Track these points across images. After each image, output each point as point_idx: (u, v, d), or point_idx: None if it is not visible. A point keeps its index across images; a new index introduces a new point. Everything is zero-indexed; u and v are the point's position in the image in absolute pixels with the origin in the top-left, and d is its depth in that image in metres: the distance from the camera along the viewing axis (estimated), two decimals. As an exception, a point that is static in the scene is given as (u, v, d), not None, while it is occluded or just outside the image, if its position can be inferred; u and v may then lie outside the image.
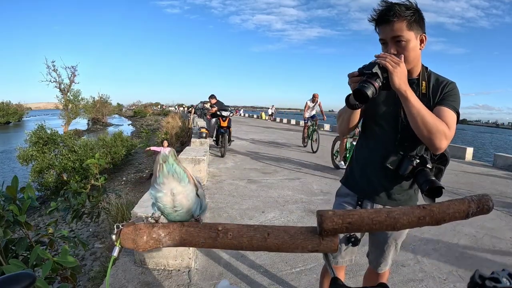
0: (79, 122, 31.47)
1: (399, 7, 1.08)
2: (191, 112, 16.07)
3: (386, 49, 1.14)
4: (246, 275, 2.24)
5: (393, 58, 1.03)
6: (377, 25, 1.14)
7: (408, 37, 1.09)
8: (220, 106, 7.90)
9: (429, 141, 1.08)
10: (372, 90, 0.99)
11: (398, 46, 1.11)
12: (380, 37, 1.15)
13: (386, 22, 1.10)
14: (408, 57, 1.11)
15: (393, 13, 1.07)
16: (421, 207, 0.64)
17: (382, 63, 1.02)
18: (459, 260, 2.56)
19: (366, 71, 1.02)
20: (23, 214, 1.47)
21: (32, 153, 9.29)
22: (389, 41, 1.11)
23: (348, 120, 1.24)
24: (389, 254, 1.37)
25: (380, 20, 1.12)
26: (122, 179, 9.29)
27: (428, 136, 1.06)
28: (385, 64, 1.02)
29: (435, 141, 1.06)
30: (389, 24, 1.09)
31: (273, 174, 5.50)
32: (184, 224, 0.69)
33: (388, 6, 1.09)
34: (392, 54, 1.08)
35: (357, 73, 1.06)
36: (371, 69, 1.02)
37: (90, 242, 4.26)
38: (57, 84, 27.22)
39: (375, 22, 1.14)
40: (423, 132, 1.07)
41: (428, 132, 1.06)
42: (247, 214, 3.46)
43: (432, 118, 1.06)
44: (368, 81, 1.00)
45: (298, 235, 0.65)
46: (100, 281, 2.56)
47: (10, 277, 0.47)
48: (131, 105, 77.40)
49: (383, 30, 1.12)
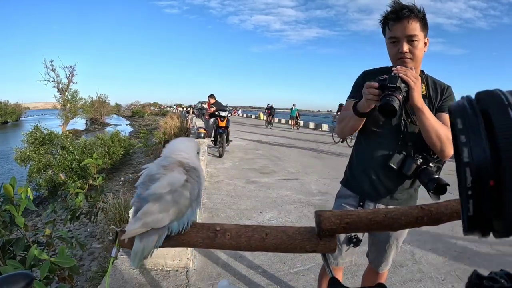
0: (77, 122, 31.35)
1: (414, 7, 1.11)
2: (189, 112, 16.05)
3: (396, 47, 1.14)
4: (244, 275, 2.24)
5: (413, 73, 1.04)
6: (391, 22, 1.14)
7: (421, 37, 1.12)
8: (219, 106, 7.90)
9: (441, 151, 1.11)
10: (397, 104, 0.99)
11: (411, 45, 1.12)
12: (391, 35, 1.15)
13: (402, 19, 1.11)
14: (417, 57, 1.14)
15: (410, 12, 1.09)
16: (419, 208, 0.65)
17: (404, 78, 1.03)
18: (457, 260, 2.57)
19: (390, 85, 1.02)
20: (20, 215, 1.46)
21: (29, 154, 9.25)
22: (403, 39, 1.12)
23: (353, 126, 1.24)
24: (390, 253, 1.37)
25: (396, 18, 1.12)
26: (120, 179, 9.27)
27: (441, 146, 1.09)
28: (407, 80, 1.02)
29: (446, 149, 1.10)
30: (404, 21, 1.10)
31: (272, 174, 5.50)
32: None
33: (403, 5, 1.11)
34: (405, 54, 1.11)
35: (377, 85, 1.05)
36: (395, 83, 1.02)
37: (88, 242, 4.25)
38: (55, 84, 27.11)
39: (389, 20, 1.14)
40: (436, 143, 1.09)
41: (441, 142, 1.09)
42: (245, 215, 3.46)
43: (443, 129, 1.08)
44: (394, 95, 1.00)
45: (297, 236, 0.65)
46: (98, 281, 2.55)
47: (7, 277, 0.46)
48: (130, 105, 77.16)
49: (397, 27, 1.12)
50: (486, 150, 0.20)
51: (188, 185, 0.65)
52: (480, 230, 0.22)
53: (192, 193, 0.65)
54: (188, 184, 0.65)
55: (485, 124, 0.21)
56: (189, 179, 0.65)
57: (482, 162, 0.20)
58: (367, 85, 1.08)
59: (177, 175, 0.64)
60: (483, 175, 0.20)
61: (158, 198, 0.61)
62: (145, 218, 0.59)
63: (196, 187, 0.67)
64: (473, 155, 0.21)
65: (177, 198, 0.62)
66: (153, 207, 0.60)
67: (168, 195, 0.61)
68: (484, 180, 0.20)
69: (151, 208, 0.60)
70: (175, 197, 0.62)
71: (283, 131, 16.01)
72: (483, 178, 0.20)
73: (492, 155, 0.20)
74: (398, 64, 1.15)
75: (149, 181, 0.64)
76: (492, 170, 0.20)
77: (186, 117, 14.61)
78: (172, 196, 0.61)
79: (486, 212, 0.21)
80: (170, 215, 0.61)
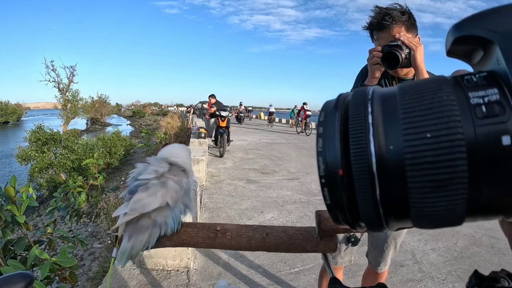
0: (78, 122, 31.37)
1: (395, 12, 1.07)
2: (189, 112, 16.05)
3: None
4: (245, 275, 2.24)
5: (415, 40, 1.04)
6: (375, 31, 1.13)
7: None
8: (219, 106, 7.90)
9: None
10: (400, 55, 1.00)
11: None
12: (378, 44, 1.13)
13: (384, 27, 1.09)
14: None
15: (391, 19, 1.07)
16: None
17: (406, 43, 1.03)
18: (457, 260, 2.57)
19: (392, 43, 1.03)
20: (21, 214, 1.46)
21: (31, 153, 9.26)
22: None
23: None
24: (388, 253, 1.38)
25: (378, 27, 1.10)
26: (121, 179, 9.28)
27: None
28: (409, 44, 1.03)
29: None
30: (387, 29, 1.08)
31: (272, 174, 5.50)
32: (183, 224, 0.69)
33: (384, 12, 1.08)
34: None
35: (380, 48, 1.06)
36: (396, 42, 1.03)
37: (89, 242, 4.25)
38: (56, 84, 27.13)
39: (372, 29, 1.13)
40: None
41: None
42: (246, 214, 3.46)
43: None
44: (397, 49, 1.01)
45: (297, 235, 0.65)
46: (99, 281, 2.55)
47: (8, 277, 0.46)
48: (130, 105, 77.22)
49: (382, 36, 1.11)
50: (336, 142, 0.21)
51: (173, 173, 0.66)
52: (344, 221, 0.23)
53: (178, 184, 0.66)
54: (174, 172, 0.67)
55: (344, 119, 0.22)
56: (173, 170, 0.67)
57: (332, 153, 0.21)
58: (371, 49, 1.09)
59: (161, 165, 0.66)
60: (333, 165, 0.21)
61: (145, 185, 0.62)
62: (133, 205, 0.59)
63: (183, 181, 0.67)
64: (325, 145, 0.22)
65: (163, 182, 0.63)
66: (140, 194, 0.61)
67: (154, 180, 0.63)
68: (334, 170, 0.21)
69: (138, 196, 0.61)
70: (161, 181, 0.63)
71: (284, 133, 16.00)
72: (333, 167, 0.21)
73: (341, 146, 0.21)
74: None
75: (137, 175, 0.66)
76: (341, 162, 0.21)
77: (186, 117, 14.62)
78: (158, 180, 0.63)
79: (341, 202, 0.22)
80: (158, 199, 0.61)
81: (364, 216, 0.21)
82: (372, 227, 0.22)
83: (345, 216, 0.22)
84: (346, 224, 0.23)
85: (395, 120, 0.20)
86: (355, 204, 0.21)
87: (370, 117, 0.21)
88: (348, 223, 0.23)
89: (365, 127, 0.20)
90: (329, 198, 0.22)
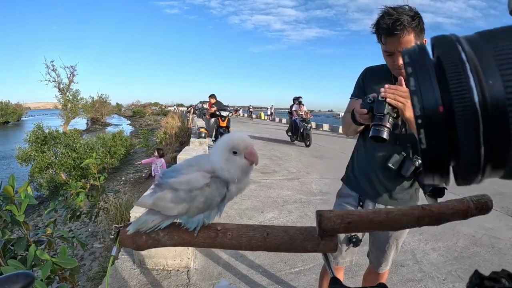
0: (78, 122, 31.38)
1: (406, 18, 1.04)
2: (190, 112, 16.05)
3: (392, 59, 1.13)
4: (245, 275, 2.24)
5: (401, 94, 1.01)
6: (383, 36, 1.10)
7: None
8: (220, 106, 7.90)
9: None
10: (387, 132, 1.00)
11: None
12: (385, 48, 1.12)
13: (394, 35, 1.06)
14: None
15: (401, 26, 1.04)
16: (420, 208, 0.64)
17: (392, 103, 1.01)
18: (458, 260, 2.56)
19: (378, 114, 1.01)
20: (21, 214, 1.46)
21: (31, 153, 9.26)
22: (397, 53, 1.10)
23: (355, 129, 1.28)
24: (390, 254, 1.38)
25: (387, 33, 1.08)
26: (121, 179, 9.28)
27: None
28: (396, 104, 1.00)
29: None
30: (398, 37, 1.06)
31: (272, 174, 5.50)
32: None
33: (395, 17, 1.05)
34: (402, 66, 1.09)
35: (365, 111, 1.05)
36: (382, 111, 1.00)
37: (89, 242, 4.25)
38: (56, 84, 27.17)
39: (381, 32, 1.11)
40: None
41: None
42: (246, 214, 3.46)
43: None
44: (382, 124, 1.00)
45: (297, 235, 0.65)
46: (99, 281, 2.55)
47: (9, 277, 0.46)
48: (130, 105, 77.17)
49: (390, 42, 1.09)
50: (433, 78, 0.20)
51: (207, 190, 0.64)
52: (437, 169, 0.22)
53: (209, 198, 0.64)
54: (207, 189, 0.64)
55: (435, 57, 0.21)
56: (211, 184, 0.64)
57: (430, 90, 0.20)
58: (357, 111, 1.09)
59: (198, 177, 0.64)
60: (432, 102, 0.20)
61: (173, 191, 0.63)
62: (157, 201, 0.63)
63: (216, 195, 0.65)
64: (419, 83, 0.21)
65: (190, 199, 0.63)
66: (167, 195, 0.63)
67: (182, 193, 0.63)
68: (433, 107, 0.20)
69: (165, 196, 0.63)
70: (189, 196, 0.63)
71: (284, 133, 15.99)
72: (432, 105, 0.20)
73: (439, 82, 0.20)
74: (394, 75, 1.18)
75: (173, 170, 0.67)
76: (441, 98, 0.20)
77: (187, 117, 14.62)
78: (186, 195, 0.63)
79: (440, 145, 0.21)
80: (179, 208, 0.63)
81: (465, 159, 0.20)
82: (467, 173, 0.21)
83: (440, 161, 0.21)
84: (437, 173, 0.22)
85: (488, 58, 0.19)
86: (454, 146, 0.20)
87: (463, 54, 0.20)
88: (441, 170, 0.21)
89: (461, 63, 0.20)
90: (425, 142, 0.21)
